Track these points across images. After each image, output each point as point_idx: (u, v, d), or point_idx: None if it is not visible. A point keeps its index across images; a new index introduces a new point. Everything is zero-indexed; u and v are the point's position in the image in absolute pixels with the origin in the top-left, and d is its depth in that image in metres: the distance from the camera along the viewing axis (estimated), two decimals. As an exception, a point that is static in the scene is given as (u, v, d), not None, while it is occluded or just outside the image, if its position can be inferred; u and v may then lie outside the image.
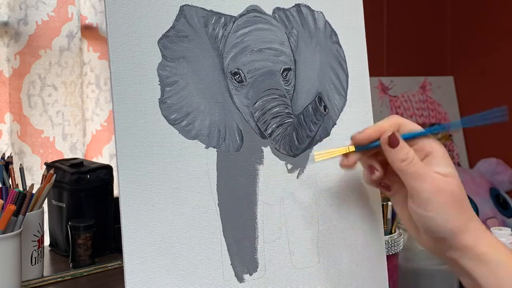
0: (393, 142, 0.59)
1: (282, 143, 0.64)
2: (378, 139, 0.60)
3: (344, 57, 0.71)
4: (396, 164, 0.58)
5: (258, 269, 0.61)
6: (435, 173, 0.57)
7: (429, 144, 0.60)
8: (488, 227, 0.83)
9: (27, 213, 0.82)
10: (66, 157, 1.48)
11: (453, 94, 2.36)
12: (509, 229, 0.87)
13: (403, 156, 0.58)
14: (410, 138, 0.60)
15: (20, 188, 0.97)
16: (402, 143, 0.58)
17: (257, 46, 0.63)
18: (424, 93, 2.30)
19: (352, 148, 0.61)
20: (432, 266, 0.83)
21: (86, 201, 1.05)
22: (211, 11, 0.62)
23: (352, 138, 0.61)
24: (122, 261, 0.55)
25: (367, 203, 0.70)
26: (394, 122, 0.61)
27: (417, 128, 0.61)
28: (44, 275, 0.95)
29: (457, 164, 2.30)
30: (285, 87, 0.65)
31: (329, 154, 0.62)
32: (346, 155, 0.61)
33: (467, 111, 2.35)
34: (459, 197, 0.57)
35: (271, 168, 0.63)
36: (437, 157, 0.59)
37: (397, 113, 2.21)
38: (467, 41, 2.34)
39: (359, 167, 0.63)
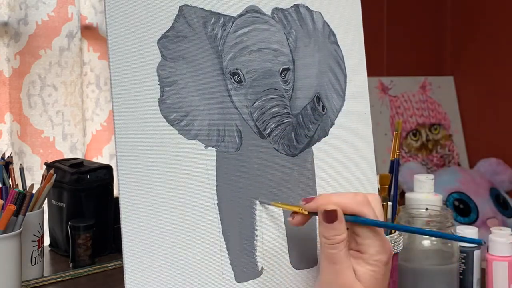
0: (328, 218, 0.54)
1: (281, 143, 0.64)
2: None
3: (343, 57, 0.71)
4: (321, 239, 0.55)
5: (257, 269, 0.61)
6: (353, 275, 0.54)
7: (369, 245, 0.54)
8: (488, 227, 0.83)
9: (27, 213, 0.82)
10: (66, 157, 1.48)
11: (453, 94, 2.36)
12: (509, 229, 0.87)
13: (330, 234, 0.54)
14: (355, 222, 0.54)
15: (20, 188, 0.97)
16: (338, 224, 0.54)
17: (256, 46, 0.63)
18: (424, 93, 2.30)
19: (305, 212, 0.57)
20: (432, 266, 0.83)
21: (86, 201, 1.06)
22: (210, 11, 0.62)
23: (302, 206, 0.57)
24: (122, 261, 0.55)
25: (367, 203, 0.70)
26: (361, 201, 0.55)
27: (378, 218, 0.55)
28: (44, 275, 0.95)
29: (457, 164, 2.30)
30: (284, 87, 0.65)
31: (284, 207, 0.60)
32: (295, 213, 0.58)
33: (467, 111, 2.35)
34: None
35: (270, 167, 0.64)
36: (366, 260, 0.54)
37: (397, 113, 2.21)
38: (467, 41, 2.34)
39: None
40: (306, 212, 0.57)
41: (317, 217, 0.56)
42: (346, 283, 0.54)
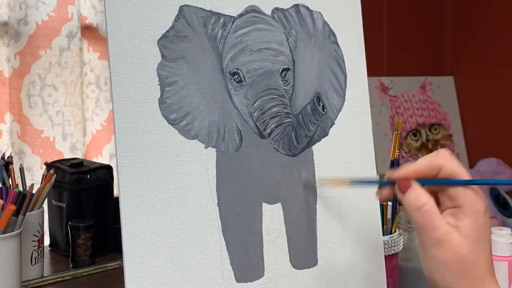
0: (401, 188, 0.55)
1: (281, 142, 0.64)
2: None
3: (343, 57, 0.71)
4: (408, 211, 0.54)
5: (257, 269, 0.61)
6: (447, 225, 0.53)
7: (463, 196, 0.54)
8: (488, 227, 0.83)
9: (27, 213, 0.82)
10: (66, 157, 1.48)
11: (453, 94, 2.36)
12: (509, 229, 0.86)
13: (415, 203, 0.54)
14: (433, 185, 0.55)
15: (20, 188, 0.97)
16: (414, 190, 0.54)
17: (256, 46, 0.63)
18: (424, 93, 2.30)
19: (348, 183, 0.58)
20: (431, 266, 0.83)
21: (86, 201, 1.06)
22: (210, 11, 0.62)
23: (389, 176, 0.57)
24: (122, 261, 0.55)
25: (366, 202, 0.70)
26: (434, 165, 0.55)
27: (458, 172, 0.55)
28: (44, 275, 0.95)
29: (457, 164, 2.30)
30: (284, 87, 0.65)
31: (331, 183, 0.60)
32: (383, 186, 0.58)
33: (467, 111, 2.35)
34: (465, 260, 0.53)
35: (270, 167, 0.64)
36: (465, 212, 0.54)
37: (397, 113, 2.21)
38: (467, 41, 2.34)
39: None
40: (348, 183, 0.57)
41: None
42: (450, 243, 0.53)
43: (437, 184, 0.56)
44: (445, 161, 0.55)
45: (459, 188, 0.55)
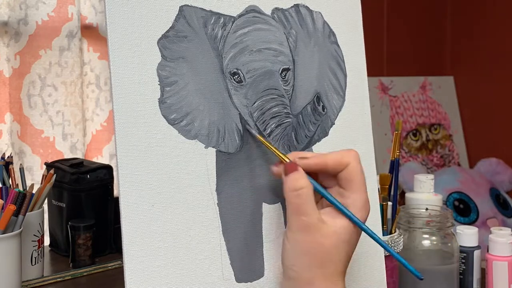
0: (287, 169, 0.57)
1: (281, 143, 0.64)
2: None
3: (343, 57, 0.71)
4: (285, 191, 0.56)
5: (257, 269, 0.61)
6: (318, 214, 0.55)
7: (353, 200, 0.56)
8: (488, 227, 0.83)
9: (27, 213, 0.82)
10: (66, 157, 1.48)
11: (453, 94, 2.37)
12: (509, 229, 0.87)
13: (294, 184, 0.55)
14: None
15: (20, 188, 0.97)
16: (297, 173, 0.56)
17: (256, 46, 0.63)
18: (424, 93, 2.30)
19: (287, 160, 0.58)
20: (432, 266, 0.83)
21: (86, 201, 1.06)
22: (210, 11, 0.62)
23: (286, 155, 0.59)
24: (122, 261, 0.55)
25: (367, 203, 0.70)
26: (341, 161, 0.57)
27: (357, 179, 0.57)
28: (44, 275, 0.95)
29: (457, 164, 2.30)
30: (284, 87, 0.65)
31: (268, 146, 0.60)
32: (280, 163, 0.59)
33: (467, 111, 2.35)
34: (325, 252, 0.54)
35: (270, 167, 0.63)
36: (344, 216, 0.56)
37: (397, 113, 2.21)
38: (467, 41, 2.34)
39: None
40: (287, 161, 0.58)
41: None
42: (317, 231, 0.54)
43: (319, 193, 0.57)
44: (353, 161, 0.57)
45: (353, 192, 0.57)
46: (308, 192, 0.55)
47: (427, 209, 0.87)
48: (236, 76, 0.62)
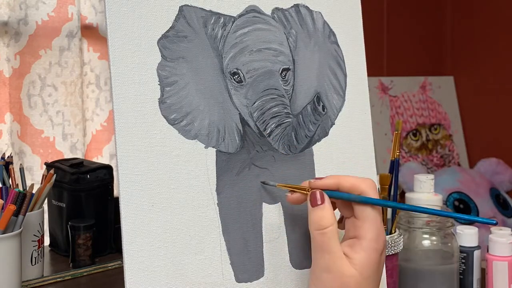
0: (312, 200, 0.56)
1: (281, 143, 0.64)
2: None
3: (343, 57, 0.71)
4: (310, 226, 0.55)
5: (257, 269, 0.61)
6: (341, 253, 0.54)
7: (366, 230, 0.55)
8: (488, 227, 0.83)
9: (27, 213, 0.82)
10: (66, 157, 1.48)
11: (453, 94, 2.37)
12: (509, 229, 0.87)
13: (319, 222, 0.54)
14: (360, 202, 0.55)
15: (20, 188, 0.97)
16: (322, 209, 0.55)
17: (256, 46, 0.63)
18: (424, 93, 2.30)
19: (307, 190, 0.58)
20: (432, 266, 0.83)
21: (86, 201, 1.06)
22: (210, 11, 0.62)
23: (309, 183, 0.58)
24: (122, 261, 0.55)
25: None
26: (356, 187, 0.56)
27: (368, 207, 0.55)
28: (44, 275, 0.95)
29: (457, 164, 2.30)
30: (284, 87, 0.65)
31: (290, 187, 0.60)
32: (294, 191, 0.59)
33: (467, 111, 2.35)
34: None
35: (270, 167, 0.63)
36: (362, 246, 0.54)
37: (397, 113, 2.21)
38: (467, 41, 2.34)
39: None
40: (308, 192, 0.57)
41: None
42: (340, 271, 0.53)
43: (346, 200, 0.56)
44: (368, 189, 0.56)
45: (366, 222, 0.55)
46: (333, 230, 0.54)
47: (427, 209, 0.87)
48: (236, 76, 0.62)
